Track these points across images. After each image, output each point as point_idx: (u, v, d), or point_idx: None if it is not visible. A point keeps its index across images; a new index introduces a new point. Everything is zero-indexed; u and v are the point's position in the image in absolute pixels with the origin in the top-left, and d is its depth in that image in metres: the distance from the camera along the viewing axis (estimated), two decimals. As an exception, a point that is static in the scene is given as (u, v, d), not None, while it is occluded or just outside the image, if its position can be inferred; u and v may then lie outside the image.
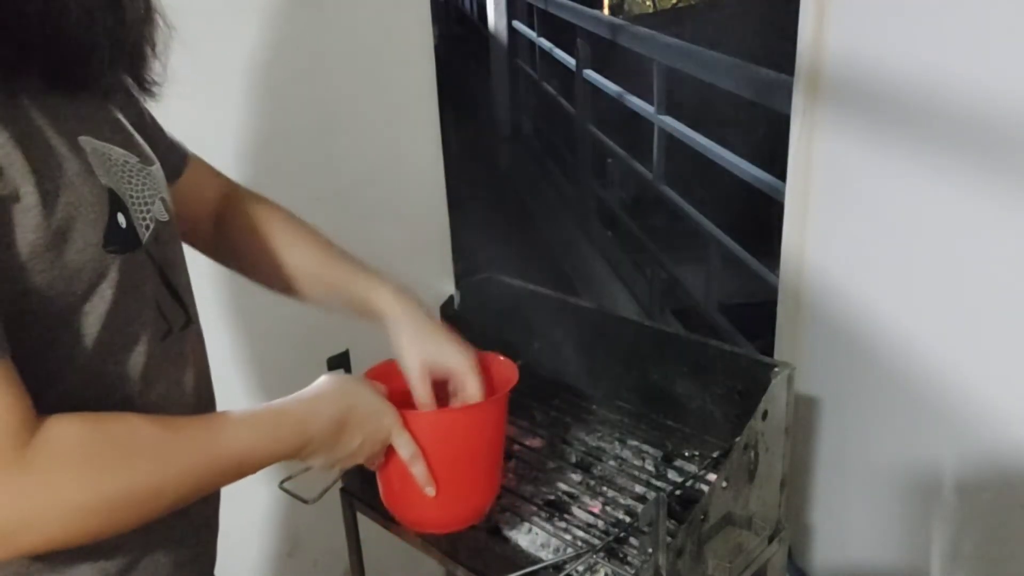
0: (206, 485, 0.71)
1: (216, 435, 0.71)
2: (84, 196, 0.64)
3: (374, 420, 0.85)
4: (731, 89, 2.49)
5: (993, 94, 0.95)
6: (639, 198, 3.93)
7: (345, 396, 0.83)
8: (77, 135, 0.67)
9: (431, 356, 0.94)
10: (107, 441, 0.63)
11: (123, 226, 0.67)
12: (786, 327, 1.42)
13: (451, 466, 0.92)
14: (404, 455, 0.89)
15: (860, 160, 1.21)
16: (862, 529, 1.32)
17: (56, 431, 0.60)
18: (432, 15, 1.60)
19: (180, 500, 0.68)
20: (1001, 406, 1.01)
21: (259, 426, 0.74)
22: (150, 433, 0.66)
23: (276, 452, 0.75)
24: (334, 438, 0.81)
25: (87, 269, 0.64)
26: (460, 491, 0.95)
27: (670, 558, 0.90)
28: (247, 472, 0.73)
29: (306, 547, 1.68)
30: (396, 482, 0.94)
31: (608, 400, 1.32)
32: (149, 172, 0.75)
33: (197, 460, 0.68)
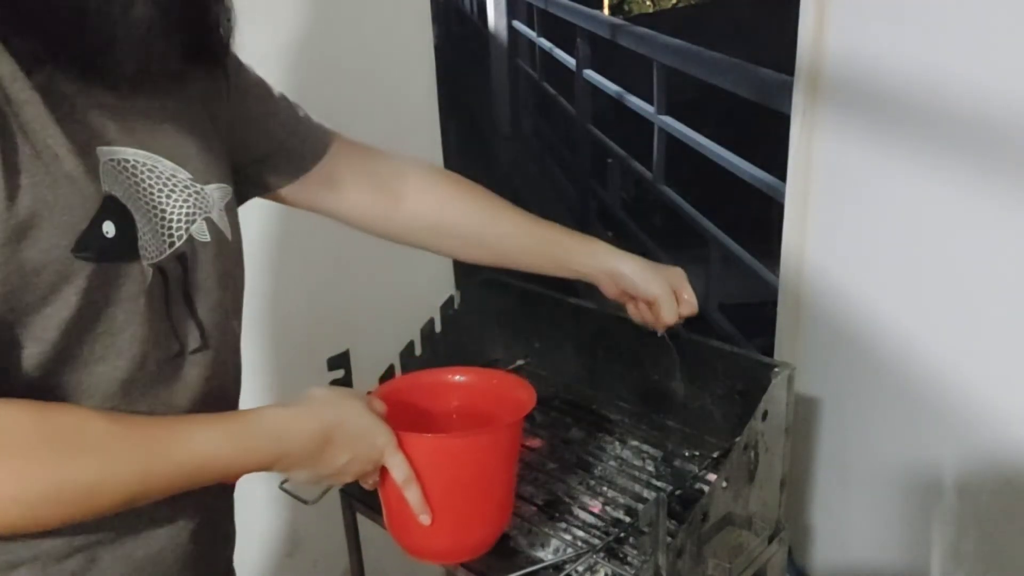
0: (156, 487, 0.66)
1: (175, 437, 0.67)
2: (64, 198, 0.62)
3: (365, 438, 0.80)
4: (731, 89, 2.49)
5: (993, 94, 0.95)
6: (639, 198, 3.93)
7: (333, 410, 0.78)
8: (97, 144, 0.65)
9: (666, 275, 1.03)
10: (47, 430, 0.61)
11: (108, 235, 0.65)
12: (786, 327, 1.42)
13: (452, 493, 0.86)
14: (397, 478, 0.83)
15: (860, 160, 1.20)
16: (862, 529, 1.32)
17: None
18: (432, 15, 1.60)
19: (124, 500, 0.64)
20: (1001, 406, 1.00)
21: (227, 433, 0.70)
22: (97, 427, 0.63)
23: (244, 462, 0.71)
24: (316, 453, 0.76)
25: (48, 270, 0.62)
26: (460, 521, 0.89)
27: (670, 558, 0.90)
28: (209, 480, 0.69)
29: (306, 547, 1.68)
30: (394, 506, 0.88)
31: (608, 400, 1.32)
32: (199, 190, 0.73)
33: (147, 459, 0.65)
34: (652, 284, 1.02)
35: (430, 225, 1.01)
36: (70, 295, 0.63)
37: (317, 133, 0.95)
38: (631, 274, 1.03)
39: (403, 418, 0.87)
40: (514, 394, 0.95)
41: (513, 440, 0.91)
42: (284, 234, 1.53)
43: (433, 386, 1.01)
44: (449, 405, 1.00)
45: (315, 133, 0.94)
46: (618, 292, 1.06)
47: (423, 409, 0.97)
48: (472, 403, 1.00)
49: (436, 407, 0.99)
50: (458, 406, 1.00)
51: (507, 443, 0.90)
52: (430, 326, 1.27)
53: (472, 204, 1.02)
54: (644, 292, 1.03)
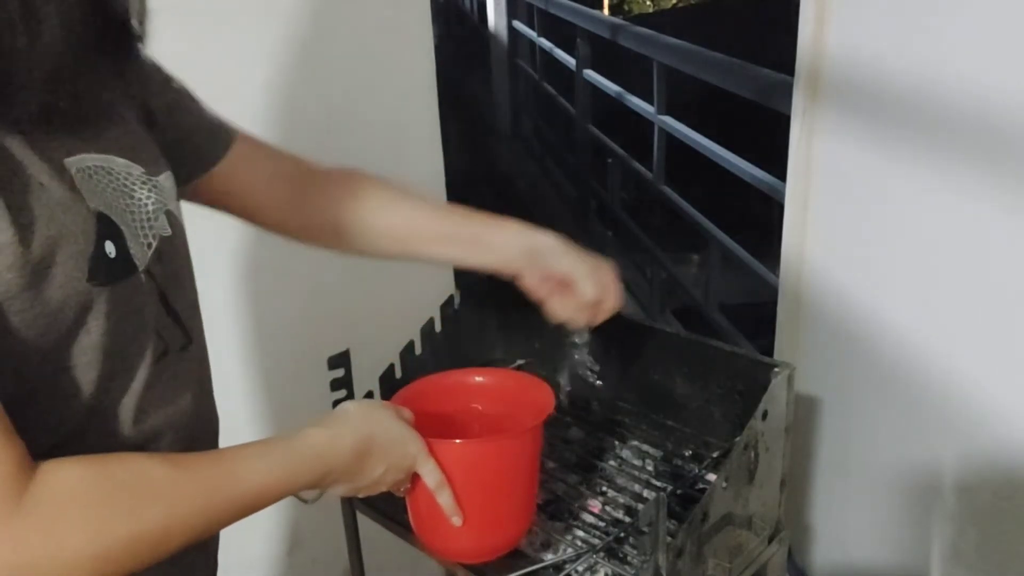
0: (218, 523, 0.68)
1: (229, 472, 0.68)
2: (67, 227, 0.61)
3: (398, 448, 0.83)
4: (731, 89, 2.49)
5: (994, 94, 0.95)
6: (639, 198, 3.93)
7: (367, 424, 0.81)
8: (63, 156, 0.63)
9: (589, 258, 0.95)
10: (110, 484, 0.60)
11: (111, 255, 0.64)
12: (786, 327, 1.42)
13: (480, 496, 0.90)
14: (430, 483, 0.86)
15: (860, 160, 1.21)
16: (862, 529, 1.32)
17: (55, 476, 0.58)
18: (432, 15, 1.60)
19: (190, 540, 0.65)
20: (1001, 406, 1.00)
21: (275, 460, 0.72)
22: (157, 474, 0.63)
23: (293, 485, 0.74)
24: (356, 467, 0.79)
25: (71, 304, 0.61)
26: (490, 521, 0.93)
27: (670, 558, 0.90)
28: (263, 506, 0.71)
29: (306, 547, 1.68)
30: (424, 510, 0.92)
31: (608, 400, 1.32)
32: (156, 183, 0.72)
33: (208, 499, 0.66)
34: (573, 262, 0.95)
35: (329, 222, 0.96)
36: (92, 322, 0.63)
37: (218, 133, 0.89)
38: (548, 250, 0.95)
39: (424, 422, 0.89)
40: (532, 395, 0.97)
41: (536, 441, 0.94)
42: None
43: (452, 388, 1.02)
44: (468, 407, 1.02)
45: (216, 133, 0.89)
46: (538, 279, 0.98)
47: (442, 412, 0.98)
48: (491, 405, 1.01)
49: (455, 409, 1.01)
50: (477, 408, 1.02)
51: (531, 445, 0.94)
52: (430, 326, 1.27)
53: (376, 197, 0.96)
54: (563, 267, 0.95)
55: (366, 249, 0.98)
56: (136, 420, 0.69)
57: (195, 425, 0.77)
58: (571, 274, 0.96)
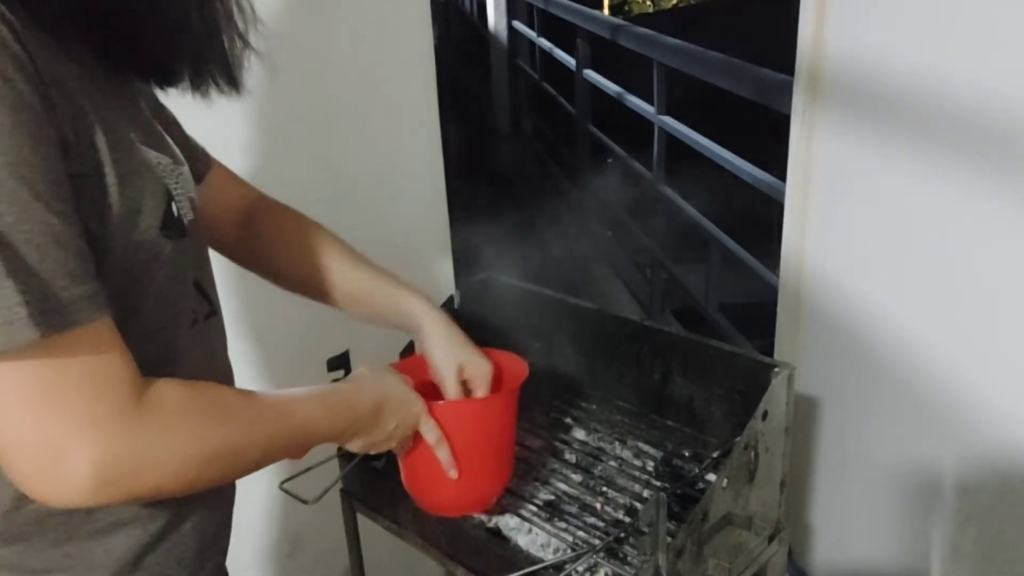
0: (280, 451, 0.76)
1: (286, 408, 0.76)
2: (148, 184, 0.68)
3: (406, 406, 0.92)
4: (731, 89, 2.49)
5: (993, 94, 0.95)
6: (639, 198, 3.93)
7: (382, 383, 0.90)
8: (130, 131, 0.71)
9: (462, 361, 1.02)
10: (206, 401, 0.69)
11: (175, 215, 0.72)
12: (786, 327, 1.42)
13: (470, 452, 1.00)
14: (431, 439, 0.95)
15: (860, 160, 1.21)
16: (862, 529, 1.32)
17: (165, 388, 0.65)
18: (432, 15, 1.60)
19: (260, 462, 0.73)
20: (1001, 406, 1.01)
21: (320, 403, 0.81)
22: (235, 400, 0.72)
23: (333, 428, 0.83)
24: (374, 420, 0.87)
25: (145, 249, 0.69)
26: (478, 475, 1.02)
27: (670, 558, 0.90)
28: (309, 445, 0.80)
29: (306, 547, 1.68)
30: (420, 467, 1.01)
31: (608, 400, 1.32)
32: (181, 172, 0.77)
33: (272, 427, 0.74)
34: (443, 357, 1.01)
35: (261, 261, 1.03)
36: (157, 271, 0.70)
37: (199, 156, 0.96)
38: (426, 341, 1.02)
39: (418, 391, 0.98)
40: (507, 366, 1.07)
41: (514, 404, 1.05)
42: (284, 234, 1.53)
43: None
44: None
45: (198, 156, 0.95)
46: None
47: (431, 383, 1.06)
48: None
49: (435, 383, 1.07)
50: None
51: (511, 406, 1.04)
52: (430, 326, 1.27)
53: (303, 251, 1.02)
54: (431, 361, 1.02)
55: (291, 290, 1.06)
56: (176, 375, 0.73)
57: None
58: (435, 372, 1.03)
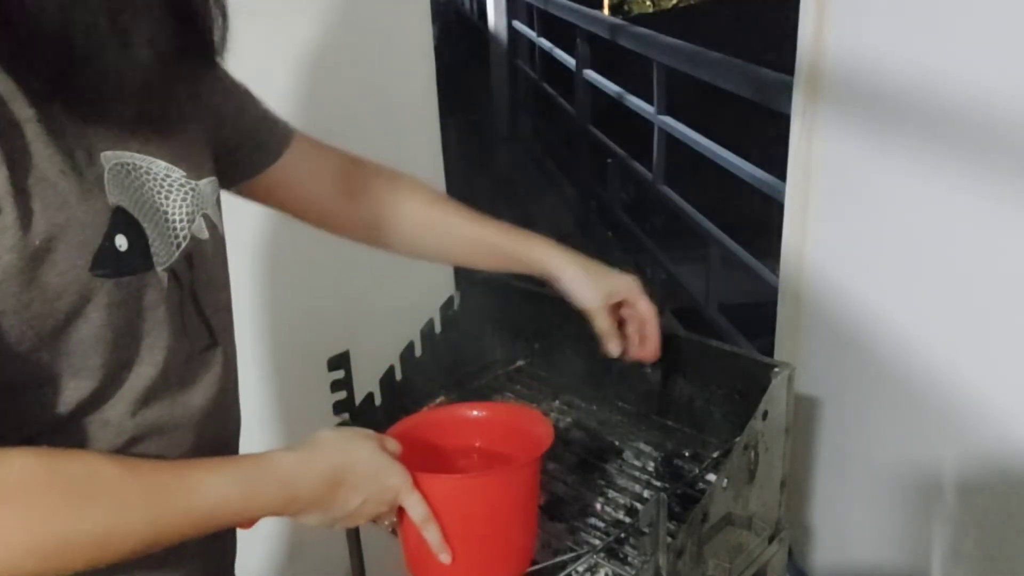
0: (168, 534, 0.65)
1: (184, 485, 0.66)
2: (76, 216, 0.61)
3: (376, 480, 0.79)
4: (731, 89, 2.49)
5: (993, 93, 0.95)
6: (639, 198, 3.93)
7: (342, 453, 0.77)
8: (103, 149, 0.65)
9: (609, 289, 1.00)
10: (59, 480, 0.60)
11: (122, 249, 0.64)
12: (786, 327, 1.42)
13: (470, 532, 0.86)
14: (415, 518, 0.82)
15: (860, 160, 1.21)
16: (862, 529, 1.32)
17: (9, 464, 0.58)
18: (432, 15, 1.60)
19: (136, 547, 0.63)
20: (1001, 406, 1.00)
21: (236, 479, 0.69)
22: (109, 476, 0.62)
23: (255, 507, 0.71)
24: (327, 496, 0.75)
25: (70, 291, 0.62)
26: (482, 558, 0.88)
27: (670, 558, 0.90)
28: (222, 525, 0.69)
29: (307, 549, 1.68)
30: (412, 545, 0.87)
31: (608, 400, 1.32)
32: (195, 187, 0.73)
33: (157, 509, 0.64)
34: (587, 294, 1.00)
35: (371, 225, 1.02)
36: (92, 313, 0.63)
37: (279, 128, 0.95)
38: (567, 281, 1.00)
39: (421, 456, 0.87)
40: (532, 429, 0.93)
41: (531, 478, 0.90)
42: (284, 234, 1.53)
43: (449, 422, 0.99)
44: (467, 441, 0.99)
45: (278, 128, 0.94)
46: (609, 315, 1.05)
47: (440, 446, 0.96)
48: (490, 439, 0.98)
49: (453, 444, 0.98)
50: (477, 443, 0.99)
51: (525, 481, 0.89)
52: (430, 326, 1.27)
53: (416, 207, 1.03)
54: (579, 302, 1.00)
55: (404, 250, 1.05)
56: (135, 413, 0.69)
57: (206, 427, 0.76)
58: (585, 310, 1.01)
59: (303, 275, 1.56)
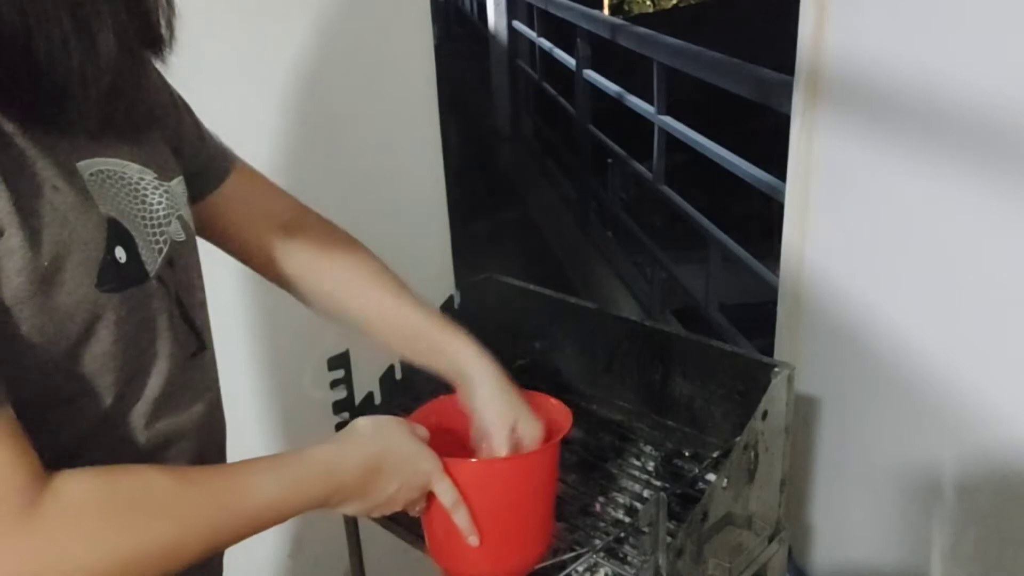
0: (228, 539, 0.67)
1: (238, 488, 0.67)
2: (77, 232, 0.60)
3: (410, 465, 0.80)
4: (731, 89, 2.49)
5: (993, 94, 0.95)
6: (639, 198, 3.93)
7: (377, 440, 0.79)
8: (77, 159, 0.63)
9: (513, 421, 0.91)
10: (120, 498, 0.60)
11: (122, 261, 0.63)
12: (786, 327, 1.42)
13: (497, 516, 0.88)
14: (445, 502, 0.83)
15: (860, 160, 1.20)
16: (862, 529, 1.32)
17: (66, 488, 0.57)
18: (432, 15, 1.60)
19: (200, 555, 0.64)
20: (1001, 406, 1.00)
21: (284, 476, 0.71)
22: (166, 488, 0.62)
23: (304, 502, 0.72)
24: (366, 485, 0.77)
25: (80, 311, 0.60)
26: (507, 541, 0.90)
27: (670, 558, 0.90)
28: (273, 523, 0.70)
29: (307, 548, 1.68)
30: (439, 530, 0.89)
31: (608, 400, 1.32)
32: (167, 188, 0.71)
33: (217, 515, 0.65)
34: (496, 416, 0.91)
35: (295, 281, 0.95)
36: (102, 331, 0.62)
37: (219, 159, 0.88)
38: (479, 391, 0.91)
39: (440, 442, 0.87)
40: (550, 415, 0.95)
41: (552, 461, 0.92)
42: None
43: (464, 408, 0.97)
44: None
45: (217, 158, 0.88)
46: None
47: (459, 432, 0.96)
48: None
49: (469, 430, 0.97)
50: None
51: (548, 465, 0.92)
52: (430, 326, 1.27)
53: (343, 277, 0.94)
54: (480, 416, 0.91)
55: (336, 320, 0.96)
56: (148, 425, 0.69)
57: (205, 432, 0.76)
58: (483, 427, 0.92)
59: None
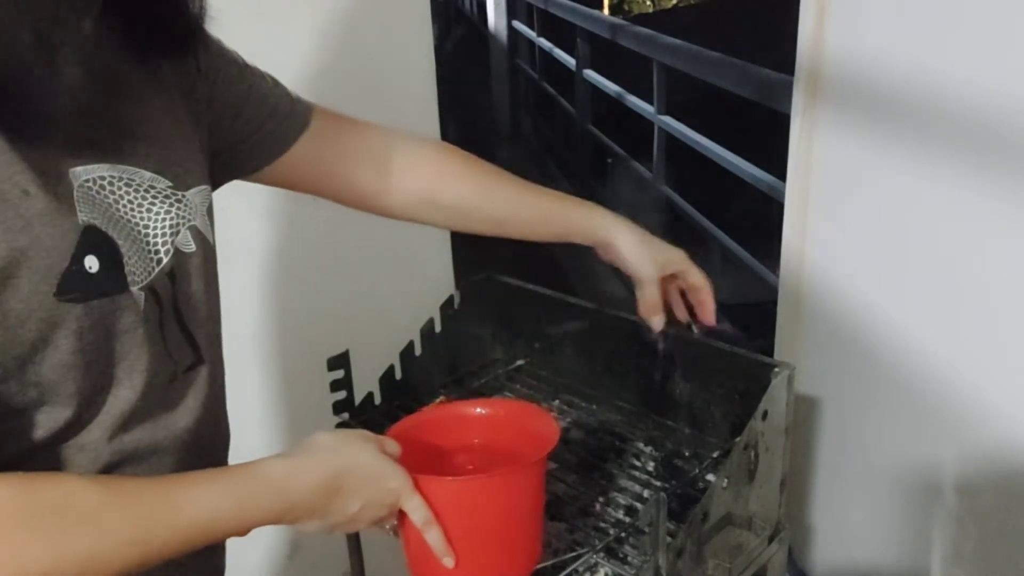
0: (158, 553, 0.62)
1: (170, 501, 0.63)
2: (40, 239, 0.58)
3: (376, 483, 0.76)
4: (731, 89, 2.49)
5: (993, 94, 0.95)
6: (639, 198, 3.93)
7: (338, 457, 0.74)
8: (72, 165, 0.62)
9: (664, 260, 1.00)
10: (35, 507, 0.57)
11: (92, 271, 0.61)
12: (786, 327, 1.42)
13: (473, 536, 0.83)
14: (416, 521, 0.79)
15: (860, 160, 1.20)
16: (862, 529, 1.32)
17: None
18: (432, 15, 1.60)
19: (126, 569, 0.60)
20: (1001, 406, 1.00)
21: (227, 491, 0.66)
22: (88, 499, 0.59)
23: (250, 519, 0.67)
24: (324, 503, 0.72)
25: (34, 318, 0.58)
26: (486, 562, 0.85)
27: (670, 558, 0.90)
28: (216, 539, 0.66)
29: (306, 548, 1.68)
30: (415, 549, 0.84)
31: (608, 400, 1.32)
32: (181, 198, 0.70)
33: (142, 528, 0.61)
34: (640, 265, 0.99)
35: (422, 200, 0.97)
36: (61, 340, 0.60)
37: (295, 109, 0.89)
38: (623, 249, 1.00)
39: (421, 456, 0.85)
40: (536, 428, 0.91)
41: (535, 478, 0.87)
42: (284, 234, 1.53)
43: (450, 420, 0.96)
44: (469, 440, 0.96)
45: (293, 109, 0.88)
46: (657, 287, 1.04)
47: (440, 446, 0.93)
48: (493, 438, 0.95)
49: (455, 443, 0.95)
50: (478, 441, 0.96)
51: (529, 482, 0.87)
52: (430, 326, 1.27)
53: (466, 176, 0.99)
54: (633, 271, 0.99)
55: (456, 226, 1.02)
56: (112, 438, 0.66)
57: (190, 448, 0.74)
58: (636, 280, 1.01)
59: (303, 275, 1.56)
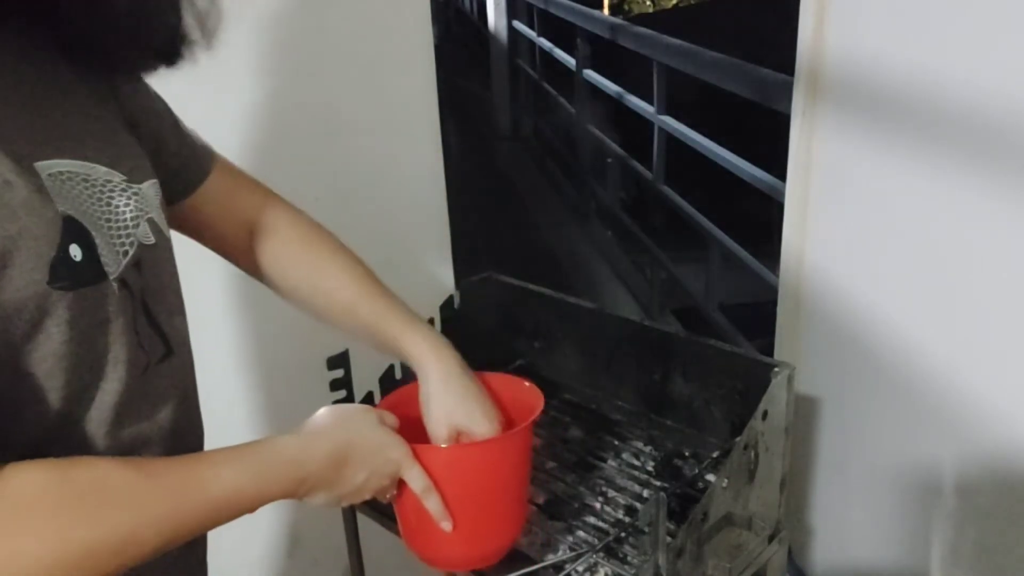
0: (188, 530, 0.66)
1: (197, 478, 0.66)
2: (28, 227, 0.58)
3: (379, 454, 0.81)
4: (731, 89, 2.49)
5: (993, 93, 0.95)
6: (639, 198, 3.94)
7: (344, 430, 0.79)
8: (35, 160, 0.62)
9: (457, 421, 0.90)
10: (72, 490, 0.59)
11: (77, 259, 0.62)
12: (786, 327, 1.42)
13: (469, 500, 0.88)
14: (416, 488, 0.84)
15: (860, 160, 1.21)
16: (862, 529, 1.32)
17: (16, 480, 0.56)
18: (432, 15, 1.60)
19: (158, 547, 0.63)
20: (1001, 406, 1.00)
21: (246, 466, 0.70)
22: (121, 479, 0.62)
23: (267, 493, 0.72)
24: (333, 474, 0.77)
25: (28, 307, 0.59)
26: (481, 526, 0.91)
27: (670, 558, 0.90)
28: (237, 514, 0.69)
29: (306, 547, 1.68)
30: (412, 517, 0.90)
31: (608, 400, 1.32)
32: (137, 191, 0.70)
33: (175, 506, 0.64)
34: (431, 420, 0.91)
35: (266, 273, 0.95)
36: (52, 329, 0.61)
37: (199, 158, 0.88)
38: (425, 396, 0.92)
39: (410, 429, 0.87)
40: (521, 396, 0.96)
41: (524, 444, 0.92)
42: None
43: None
44: None
45: (196, 158, 0.87)
46: None
47: None
48: None
49: None
50: None
51: (519, 448, 0.92)
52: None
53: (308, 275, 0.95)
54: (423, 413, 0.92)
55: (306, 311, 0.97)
56: (109, 432, 0.67)
57: (175, 438, 0.74)
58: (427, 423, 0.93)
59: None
